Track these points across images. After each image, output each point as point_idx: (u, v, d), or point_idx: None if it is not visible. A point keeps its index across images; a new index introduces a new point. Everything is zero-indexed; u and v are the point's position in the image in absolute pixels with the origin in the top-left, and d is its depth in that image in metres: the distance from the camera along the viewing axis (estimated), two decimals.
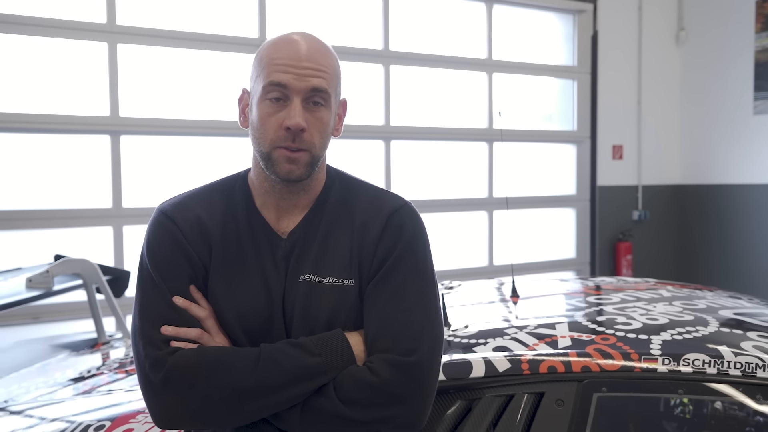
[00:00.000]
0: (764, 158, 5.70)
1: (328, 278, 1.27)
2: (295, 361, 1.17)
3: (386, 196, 1.35)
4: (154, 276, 1.25)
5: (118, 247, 4.13)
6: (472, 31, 5.41)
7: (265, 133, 1.23)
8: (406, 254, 1.27)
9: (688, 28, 6.28)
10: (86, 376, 2.08)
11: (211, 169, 4.41)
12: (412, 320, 1.22)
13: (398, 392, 1.17)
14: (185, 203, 1.32)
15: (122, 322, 2.70)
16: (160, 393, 1.17)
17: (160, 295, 1.24)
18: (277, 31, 1.34)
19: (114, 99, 4.05)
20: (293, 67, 1.22)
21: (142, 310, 1.24)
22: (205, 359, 1.18)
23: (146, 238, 1.30)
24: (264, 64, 1.24)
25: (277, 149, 1.23)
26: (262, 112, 1.23)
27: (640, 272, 6.05)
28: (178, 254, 1.26)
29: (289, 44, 1.24)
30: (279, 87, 1.21)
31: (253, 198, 1.33)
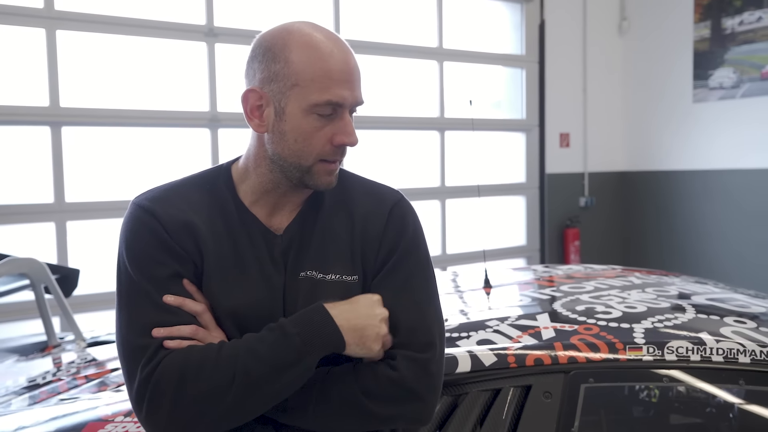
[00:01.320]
0: (704, 145, 5.88)
1: (331, 275, 1.22)
2: (273, 347, 1.09)
3: (382, 188, 1.32)
4: (136, 277, 1.16)
5: (62, 244, 3.94)
6: (422, 19, 5.38)
7: (310, 148, 1.17)
8: (411, 248, 1.25)
9: (631, 18, 6.41)
10: (41, 383, 1.96)
11: (160, 162, 4.26)
12: (422, 314, 1.20)
13: (417, 388, 1.15)
14: (165, 197, 1.23)
15: (74, 322, 2.57)
16: (149, 409, 1.08)
17: (146, 298, 1.14)
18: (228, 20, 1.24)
19: (54, 88, 3.84)
20: (348, 81, 1.17)
21: (128, 320, 1.14)
22: (189, 362, 1.09)
23: (123, 237, 1.20)
24: (312, 77, 1.15)
25: (320, 163, 1.19)
26: (310, 127, 1.16)
27: (588, 258, 6.18)
28: (162, 252, 1.16)
29: (337, 54, 1.17)
30: (335, 105, 1.16)
31: (239, 195, 1.25)
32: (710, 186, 5.83)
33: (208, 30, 4.31)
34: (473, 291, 2.12)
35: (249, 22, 4.48)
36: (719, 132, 5.77)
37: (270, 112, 1.18)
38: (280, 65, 1.16)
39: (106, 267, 4.04)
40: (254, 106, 1.19)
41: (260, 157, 1.22)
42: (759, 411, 1.57)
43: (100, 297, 3.98)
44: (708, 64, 5.84)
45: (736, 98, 5.65)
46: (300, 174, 1.19)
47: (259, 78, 1.18)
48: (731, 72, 5.70)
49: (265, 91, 1.18)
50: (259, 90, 1.18)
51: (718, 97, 5.77)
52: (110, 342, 2.44)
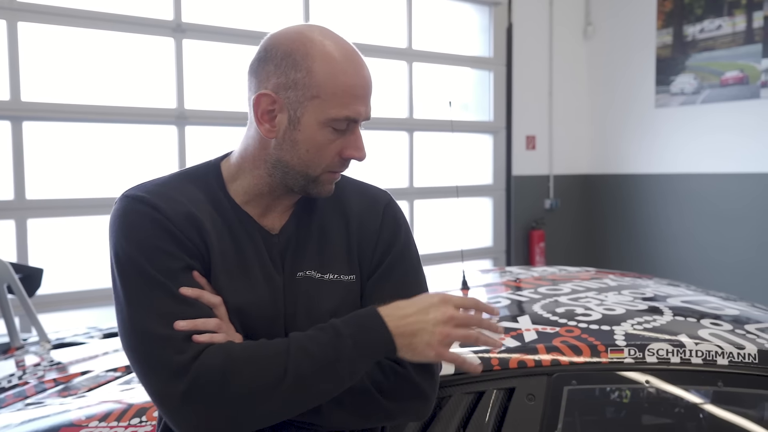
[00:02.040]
0: (666, 149, 6.00)
1: (329, 274, 1.22)
2: (325, 345, 1.08)
3: (371, 188, 1.35)
4: (147, 270, 1.09)
5: (22, 242, 3.82)
6: (392, 20, 5.38)
7: (320, 159, 1.17)
8: (405, 248, 1.28)
9: (595, 23, 6.51)
10: (7, 387, 1.89)
11: (125, 159, 4.17)
12: None
13: (422, 385, 1.18)
14: (160, 191, 1.17)
15: (38, 323, 2.49)
16: (184, 405, 1.03)
17: (161, 289, 1.09)
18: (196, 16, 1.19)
19: (15, 82, 3.72)
20: (365, 97, 1.17)
21: (143, 313, 1.08)
22: (233, 358, 1.05)
23: (123, 231, 1.13)
24: (333, 91, 1.13)
25: (327, 173, 1.19)
26: (324, 139, 1.16)
27: (552, 259, 6.25)
28: (170, 244, 1.11)
29: (357, 70, 1.16)
30: (352, 120, 1.16)
31: (230, 192, 1.23)
32: (672, 189, 5.96)
33: (175, 26, 4.23)
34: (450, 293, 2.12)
35: (217, 18, 4.41)
36: (681, 137, 5.90)
37: (283, 118, 1.16)
38: (301, 74, 1.13)
39: (68, 266, 3.95)
40: (265, 110, 1.16)
41: (260, 160, 1.20)
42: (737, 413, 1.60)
43: (64, 297, 3.88)
44: (670, 70, 5.96)
45: (696, 104, 5.78)
46: (305, 182, 1.19)
47: (275, 83, 1.15)
48: (692, 78, 5.83)
49: (280, 97, 1.15)
50: (274, 95, 1.15)
51: (680, 102, 5.90)
52: (76, 344, 2.38)
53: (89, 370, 1.93)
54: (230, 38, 4.48)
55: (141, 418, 1.49)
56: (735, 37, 5.54)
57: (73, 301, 3.90)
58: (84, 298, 3.98)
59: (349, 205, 1.28)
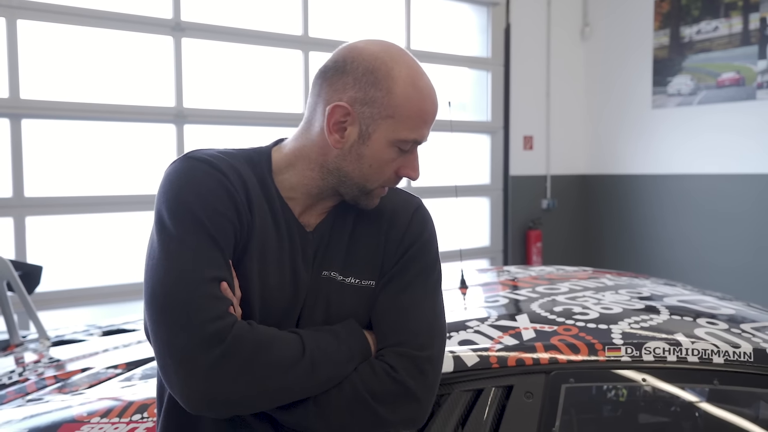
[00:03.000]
0: (662, 150, 6.03)
1: (350, 278, 1.25)
2: (330, 345, 1.15)
3: (403, 192, 1.36)
4: (208, 227, 1.09)
5: (20, 240, 3.82)
6: (391, 20, 5.39)
7: (379, 175, 1.21)
8: (422, 252, 1.28)
9: (593, 24, 6.53)
10: (7, 383, 1.90)
11: (124, 157, 4.17)
12: (420, 315, 1.23)
13: (414, 388, 1.17)
14: (223, 158, 1.18)
15: (38, 321, 2.50)
16: (212, 371, 1.03)
17: (217, 249, 1.09)
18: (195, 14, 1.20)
19: (14, 79, 3.73)
20: (430, 123, 1.22)
21: (197, 260, 1.07)
22: (258, 336, 1.08)
23: (188, 186, 1.11)
24: (408, 114, 1.17)
25: (379, 188, 1.24)
26: (388, 157, 1.20)
27: (549, 259, 6.27)
28: (232, 212, 1.13)
29: (431, 93, 1.21)
30: (417, 142, 1.21)
31: (276, 183, 1.24)
32: (668, 190, 5.98)
33: (174, 24, 4.24)
34: (449, 291, 2.13)
35: (216, 17, 4.42)
36: (677, 138, 5.92)
37: (353, 132, 1.18)
38: (381, 93, 1.16)
39: (67, 263, 3.96)
40: (338, 121, 1.18)
41: (316, 163, 1.22)
42: (732, 411, 1.62)
43: (63, 294, 3.89)
44: (667, 71, 5.99)
45: (693, 105, 5.81)
46: (358, 193, 1.23)
47: (351, 96, 1.16)
48: (689, 79, 5.85)
49: (354, 111, 1.17)
50: (349, 108, 1.17)
51: (676, 103, 5.92)
52: (75, 341, 2.39)
53: (89, 367, 1.94)
54: (229, 37, 4.49)
55: (142, 414, 1.50)
56: (731, 38, 5.57)
57: (72, 299, 3.90)
58: (83, 296, 3.99)
59: (383, 209, 1.30)
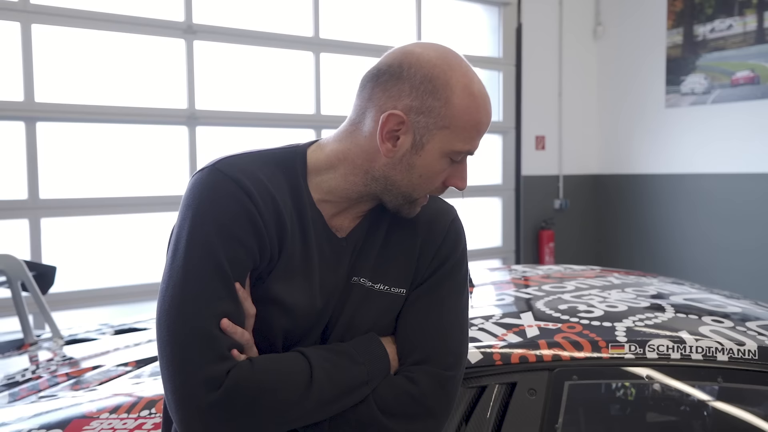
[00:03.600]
0: (676, 149, 5.99)
1: (380, 285, 1.20)
2: (344, 372, 1.11)
3: (440, 201, 1.31)
4: (218, 257, 1.04)
5: (35, 241, 3.88)
6: (401, 20, 5.40)
7: (428, 185, 1.17)
8: (456, 267, 1.25)
9: (605, 23, 6.51)
10: (20, 381, 1.93)
11: (137, 159, 4.22)
12: (451, 333, 1.20)
13: (434, 405, 1.15)
14: (252, 172, 1.11)
15: (51, 320, 2.54)
16: (212, 416, 1.01)
17: (224, 282, 1.05)
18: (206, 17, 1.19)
19: (29, 83, 3.79)
20: (484, 134, 1.18)
21: (198, 300, 1.03)
22: (261, 376, 1.04)
23: (207, 206, 1.07)
24: (464, 125, 1.13)
25: (424, 197, 1.20)
26: (440, 168, 1.16)
27: (562, 259, 6.25)
28: (252, 239, 1.07)
29: (486, 105, 1.17)
30: (469, 153, 1.17)
31: (309, 185, 1.18)
32: (682, 190, 5.94)
33: (186, 27, 4.28)
34: None
35: (228, 19, 4.46)
36: (691, 137, 5.88)
37: (406, 141, 1.13)
38: (439, 103, 1.12)
39: (81, 264, 4.01)
40: (391, 129, 1.13)
41: (361, 169, 1.17)
42: (736, 408, 1.61)
43: (77, 295, 3.94)
44: (680, 70, 5.95)
45: (707, 104, 5.77)
46: (402, 202, 1.18)
47: (407, 104, 1.12)
48: (702, 78, 5.81)
49: (409, 120, 1.12)
50: (404, 116, 1.12)
51: (690, 102, 5.89)
52: (88, 340, 2.42)
53: (101, 364, 1.97)
54: (240, 39, 4.52)
55: (150, 410, 1.53)
56: (746, 36, 5.53)
57: (86, 300, 3.95)
58: (96, 297, 4.04)
59: (419, 216, 1.25)
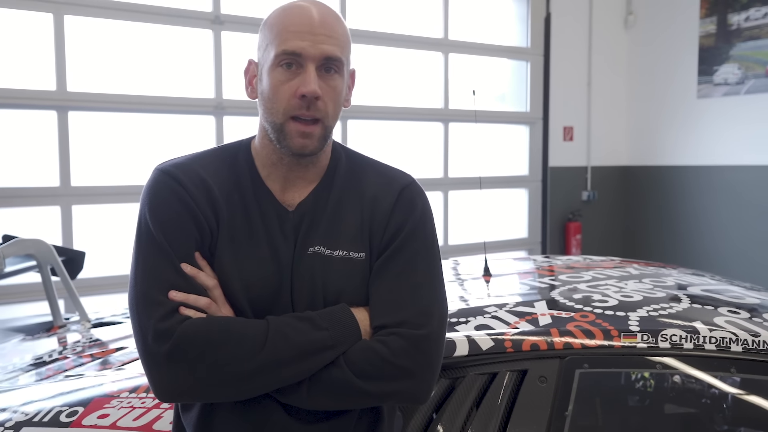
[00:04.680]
0: (707, 141, 5.89)
1: (338, 251, 1.25)
2: (303, 335, 1.16)
3: (394, 171, 1.35)
4: (158, 239, 1.20)
5: (67, 228, 3.98)
6: (428, 10, 5.39)
7: (277, 103, 1.20)
8: (417, 229, 1.27)
9: (637, 12, 6.41)
10: (48, 361, 2.00)
11: (165, 148, 4.29)
12: (421, 295, 1.23)
13: (409, 365, 1.17)
14: (188, 165, 1.26)
15: (79, 304, 2.61)
16: (166, 365, 1.13)
17: (166, 259, 1.19)
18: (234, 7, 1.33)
19: (61, 72, 3.88)
20: (307, 34, 1.19)
21: (146, 275, 1.19)
22: (214, 330, 1.15)
23: (147, 199, 1.23)
24: (276, 32, 1.21)
25: (290, 122, 1.20)
26: (275, 80, 1.20)
27: (589, 251, 6.20)
28: (185, 217, 1.21)
29: (302, 10, 1.22)
30: (293, 55, 1.19)
31: (257, 168, 1.29)
32: (713, 182, 5.84)
33: (214, 17, 4.33)
34: (473, 279, 2.15)
35: (254, 10, 4.50)
36: (723, 128, 5.78)
37: (258, 77, 1.26)
38: (264, 32, 1.24)
39: (110, 251, 4.10)
40: (252, 76, 1.28)
41: (261, 127, 1.27)
42: (750, 399, 1.60)
43: (105, 281, 4.03)
44: (713, 60, 5.84)
45: (740, 94, 5.66)
46: (277, 136, 1.22)
47: (257, 49, 1.27)
48: (736, 68, 5.70)
49: (257, 60, 1.27)
50: (255, 60, 1.28)
51: (723, 93, 5.78)
52: (114, 323, 2.48)
53: (124, 346, 2.03)
54: None
55: None
56: None
57: (114, 285, 4.03)
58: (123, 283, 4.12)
59: (366, 186, 1.30)
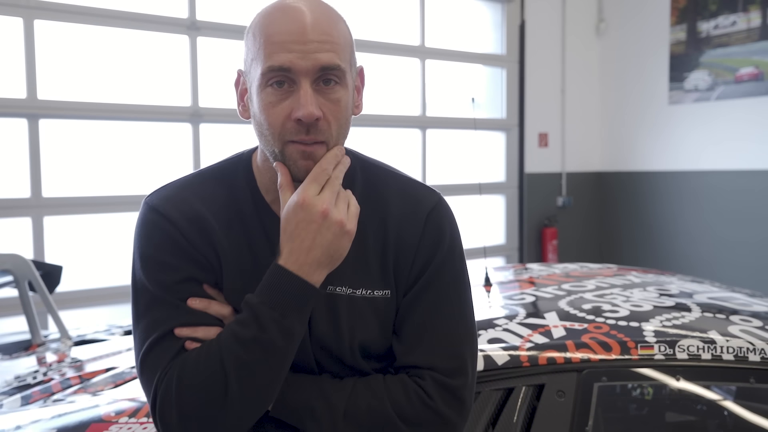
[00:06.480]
0: (679, 146, 5.97)
1: (361, 290, 1.11)
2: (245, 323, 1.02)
3: (417, 189, 1.18)
4: (153, 289, 1.06)
5: (38, 240, 3.83)
6: (405, 17, 5.36)
7: (272, 128, 1.03)
8: (446, 262, 1.14)
9: (608, 20, 6.48)
10: (32, 383, 1.89)
11: (141, 156, 4.18)
12: (454, 336, 1.12)
13: (449, 415, 1.09)
14: (180, 196, 1.11)
15: (59, 320, 2.50)
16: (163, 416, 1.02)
17: (165, 307, 1.06)
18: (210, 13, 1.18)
19: (31, 80, 3.74)
20: (296, 44, 1.00)
21: (146, 331, 1.06)
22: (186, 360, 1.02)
23: (138, 242, 1.10)
24: (259, 44, 1.03)
25: (289, 144, 1.03)
26: (265, 102, 1.03)
27: (565, 257, 6.23)
28: (177, 256, 1.07)
29: (287, 14, 1.03)
30: (281, 71, 1.01)
31: (261, 191, 1.13)
32: (685, 187, 5.92)
33: (190, 23, 4.23)
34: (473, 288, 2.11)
35: (232, 16, 4.41)
36: (694, 134, 5.86)
37: (249, 96, 1.09)
38: (248, 42, 1.07)
39: (85, 263, 3.96)
40: (243, 90, 1.11)
41: (260, 149, 1.12)
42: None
43: (82, 294, 3.90)
44: (683, 67, 5.93)
45: (710, 100, 5.75)
46: (281, 159, 1.06)
47: (243, 60, 1.10)
48: (706, 75, 5.79)
49: (243, 71, 1.10)
50: (243, 73, 1.10)
51: (694, 99, 5.86)
52: (97, 341, 2.38)
53: (113, 366, 1.94)
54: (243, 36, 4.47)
55: None
56: (750, 33, 5.50)
57: (91, 299, 3.90)
58: (101, 296, 3.99)
59: (389, 209, 1.14)
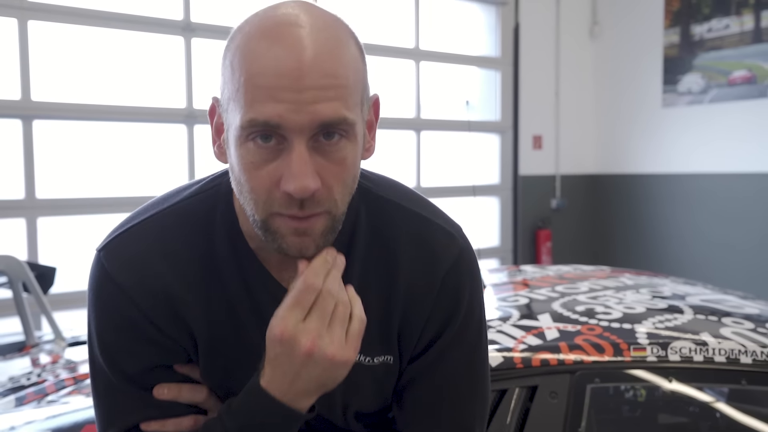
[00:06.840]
0: (672, 149, 6.00)
1: (361, 356, 0.93)
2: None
3: (435, 233, 0.97)
4: (114, 378, 0.92)
5: (32, 241, 3.83)
6: (400, 20, 5.38)
7: (254, 194, 0.79)
8: (461, 330, 0.98)
9: (602, 23, 6.50)
10: (26, 385, 1.89)
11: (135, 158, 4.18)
12: (463, 412, 1.00)
13: None
14: (140, 254, 0.90)
15: (54, 321, 2.49)
16: None
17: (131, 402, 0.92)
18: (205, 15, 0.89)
19: (26, 81, 3.73)
20: (288, 91, 0.74)
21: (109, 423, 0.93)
22: None
23: (93, 315, 0.93)
24: (239, 83, 0.76)
25: (276, 217, 0.80)
26: (245, 161, 0.77)
27: (559, 259, 6.25)
28: (144, 345, 0.90)
29: (277, 43, 0.75)
30: (267, 127, 0.76)
31: (244, 236, 0.90)
32: (679, 189, 5.95)
33: (185, 25, 4.23)
34: None
35: (227, 17, 4.41)
36: (688, 136, 5.89)
37: (226, 138, 0.83)
38: (226, 72, 0.80)
39: (79, 265, 3.95)
40: (219, 125, 0.85)
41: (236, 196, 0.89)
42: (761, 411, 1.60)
43: (75, 295, 3.89)
44: (677, 70, 5.95)
45: (704, 103, 5.78)
46: (262, 233, 0.83)
47: (220, 89, 0.84)
48: (699, 78, 5.82)
49: (218, 103, 0.85)
50: (218, 104, 0.85)
51: (687, 102, 5.89)
52: None
53: None
54: None
55: None
56: (743, 36, 5.53)
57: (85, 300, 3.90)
58: None
59: (397, 261, 0.94)
